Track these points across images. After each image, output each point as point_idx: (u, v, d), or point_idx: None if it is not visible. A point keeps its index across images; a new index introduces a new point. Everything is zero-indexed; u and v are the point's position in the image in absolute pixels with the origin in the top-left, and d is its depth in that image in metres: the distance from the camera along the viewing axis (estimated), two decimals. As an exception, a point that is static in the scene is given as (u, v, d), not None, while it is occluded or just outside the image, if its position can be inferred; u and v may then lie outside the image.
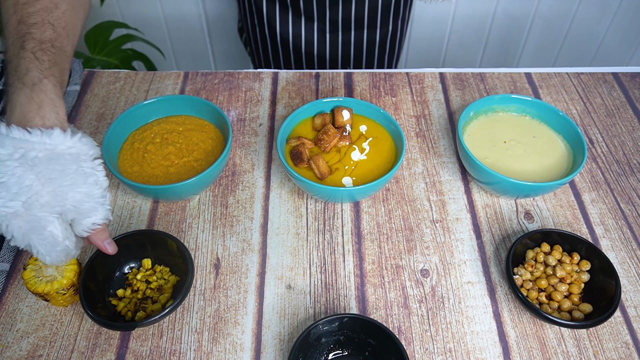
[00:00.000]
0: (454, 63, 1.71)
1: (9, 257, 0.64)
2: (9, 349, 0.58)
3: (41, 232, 0.51)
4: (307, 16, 0.99)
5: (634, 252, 0.68)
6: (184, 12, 1.54)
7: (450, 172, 0.77)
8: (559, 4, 1.55)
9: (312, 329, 0.55)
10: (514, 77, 0.92)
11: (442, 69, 0.93)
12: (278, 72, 0.91)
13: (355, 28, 1.02)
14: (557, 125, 0.76)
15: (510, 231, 0.70)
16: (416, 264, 0.67)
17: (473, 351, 0.59)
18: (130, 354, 0.58)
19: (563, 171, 0.72)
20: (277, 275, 0.65)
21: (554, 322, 0.57)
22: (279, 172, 0.76)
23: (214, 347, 0.59)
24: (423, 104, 0.87)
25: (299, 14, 0.99)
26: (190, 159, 0.71)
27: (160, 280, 0.62)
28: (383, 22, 1.03)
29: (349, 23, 1.01)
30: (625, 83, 0.92)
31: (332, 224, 0.70)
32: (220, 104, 0.85)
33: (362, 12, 0.99)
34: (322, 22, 1.00)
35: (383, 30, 1.04)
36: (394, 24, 1.05)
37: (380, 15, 1.01)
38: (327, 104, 0.76)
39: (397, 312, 0.62)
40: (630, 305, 0.63)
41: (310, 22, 1.00)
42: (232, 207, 0.72)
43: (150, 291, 0.62)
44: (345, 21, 1.00)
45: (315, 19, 0.99)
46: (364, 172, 0.70)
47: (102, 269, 0.61)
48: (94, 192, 0.53)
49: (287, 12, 0.99)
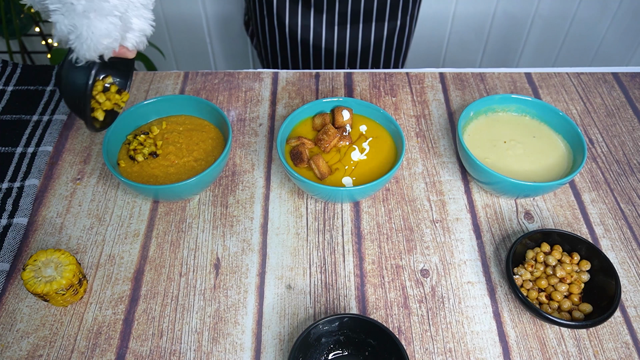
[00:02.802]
0: (454, 63, 1.71)
1: (9, 257, 0.64)
2: (9, 349, 0.58)
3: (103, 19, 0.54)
4: (316, 8, 1.00)
5: (634, 252, 0.68)
6: (184, 12, 1.54)
7: (450, 172, 0.77)
8: (559, 4, 1.55)
9: (312, 329, 0.55)
10: (514, 77, 0.92)
11: (442, 69, 0.93)
12: (278, 72, 0.91)
13: (364, 21, 1.03)
14: (557, 125, 0.76)
15: (510, 231, 0.70)
16: (416, 264, 0.67)
17: (473, 351, 0.59)
18: (130, 354, 0.58)
19: (563, 171, 0.72)
20: (277, 275, 0.65)
21: (554, 322, 0.57)
22: (279, 172, 0.76)
23: (214, 347, 0.59)
24: (423, 104, 0.87)
25: (309, 6, 1.00)
26: (190, 159, 0.71)
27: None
28: (391, 16, 1.04)
29: (357, 15, 1.01)
30: (625, 83, 0.92)
31: (332, 224, 0.70)
32: (220, 104, 0.85)
33: (372, 5, 1.00)
34: (331, 14, 1.01)
35: (391, 24, 1.05)
36: (402, 19, 1.06)
37: (389, 9, 1.02)
38: (327, 104, 0.76)
39: (397, 312, 0.62)
40: (630, 305, 0.63)
41: (319, 14, 1.01)
42: (232, 207, 0.72)
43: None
44: (354, 13, 1.01)
45: (324, 11, 1.00)
46: (364, 172, 0.70)
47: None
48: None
49: (297, 3, 1.00)
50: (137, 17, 0.58)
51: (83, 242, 0.67)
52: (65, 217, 0.70)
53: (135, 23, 0.58)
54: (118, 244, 0.67)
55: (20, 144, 0.77)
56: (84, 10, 0.53)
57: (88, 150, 0.78)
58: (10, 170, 0.73)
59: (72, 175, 0.75)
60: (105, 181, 0.74)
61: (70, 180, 0.74)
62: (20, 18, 1.48)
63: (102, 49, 0.57)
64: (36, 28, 1.47)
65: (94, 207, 0.71)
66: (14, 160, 0.75)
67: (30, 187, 0.71)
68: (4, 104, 0.82)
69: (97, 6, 0.54)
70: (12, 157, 0.75)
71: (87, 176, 0.75)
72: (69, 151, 0.78)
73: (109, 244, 0.67)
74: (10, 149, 0.76)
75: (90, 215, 0.70)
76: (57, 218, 0.70)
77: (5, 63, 0.89)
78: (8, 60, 0.89)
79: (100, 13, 0.54)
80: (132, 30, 0.58)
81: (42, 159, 0.75)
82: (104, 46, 0.57)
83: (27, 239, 0.67)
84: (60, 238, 0.68)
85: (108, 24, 0.55)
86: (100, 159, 0.77)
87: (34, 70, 0.88)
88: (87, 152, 0.78)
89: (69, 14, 0.54)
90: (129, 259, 0.66)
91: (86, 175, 0.75)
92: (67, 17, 0.54)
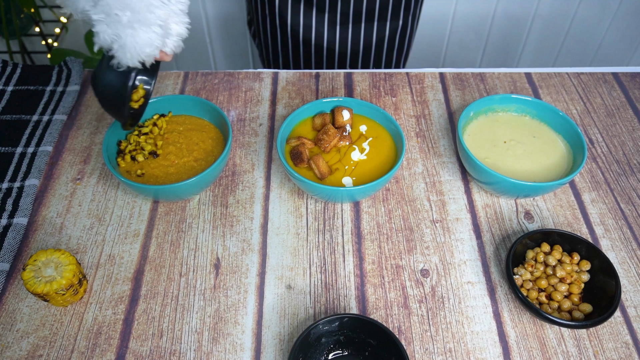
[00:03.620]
0: (454, 63, 1.71)
1: (9, 257, 0.64)
2: (9, 349, 0.58)
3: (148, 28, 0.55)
4: (318, 7, 1.00)
5: (634, 252, 0.68)
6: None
7: (450, 172, 0.77)
8: (559, 4, 1.55)
9: (312, 329, 0.55)
10: (514, 77, 0.92)
11: (442, 69, 0.93)
12: (278, 72, 0.91)
13: (366, 20, 1.03)
14: (557, 125, 0.76)
15: (510, 231, 0.70)
16: (416, 264, 0.67)
17: (473, 351, 0.59)
18: (130, 354, 0.58)
19: (563, 171, 0.72)
20: (277, 275, 0.65)
21: (554, 322, 0.57)
22: (279, 172, 0.76)
23: (214, 347, 0.59)
24: (423, 104, 0.87)
25: (311, 5, 1.00)
26: (190, 159, 0.71)
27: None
28: (394, 16, 1.04)
29: (359, 15, 1.02)
30: (625, 83, 0.92)
31: (332, 224, 0.70)
32: (220, 104, 0.85)
33: (374, 5, 1.00)
34: (333, 14, 1.01)
35: (393, 24, 1.05)
36: (405, 19, 1.06)
37: (391, 8, 1.02)
38: (327, 104, 0.76)
39: (397, 312, 0.62)
40: (630, 305, 0.63)
41: (321, 14, 1.01)
42: (232, 207, 0.72)
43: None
44: (356, 13, 1.01)
45: (326, 10, 1.00)
46: (364, 172, 0.70)
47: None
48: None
49: (299, 2, 1.00)
50: (176, 23, 0.58)
51: (83, 242, 0.67)
52: (65, 217, 0.70)
53: (174, 29, 0.59)
54: (118, 244, 0.67)
55: (20, 144, 0.77)
56: (129, 21, 0.54)
57: (88, 150, 0.78)
58: (10, 170, 0.73)
59: (72, 175, 0.75)
60: (105, 181, 0.74)
61: (70, 180, 0.74)
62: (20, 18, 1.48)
63: (144, 56, 0.57)
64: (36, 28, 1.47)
65: (94, 207, 0.71)
66: (14, 160, 0.75)
67: (30, 187, 0.71)
68: (4, 104, 0.82)
69: (142, 17, 0.54)
70: (12, 157, 0.75)
71: (87, 176, 0.75)
72: (69, 151, 0.78)
73: (109, 244, 0.67)
74: (10, 149, 0.76)
75: (90, 215, 0.70)
76: (57, 218, 0.70)
77: (5, 63, 0.89)
78: (8, 60, 0.89)
79: (144, 23, 0.55)
80: (170, 35, 0.59)
81: (42, 159, 0.75)
82: (147, 54, 0.57)
83: (27, 239, 0.67)
84: (60, 238, 0.68)
85: (151, 34, 0.56)
86: (100, 159, 0.77)
87: (34, 70, 0.88)
88: (87, 152, 0.78)
89: (113, 24, 0.54)
90: (129, 259, 0.66)
91: (86, 175, 0.75)
92: (111, 27, 0.54)
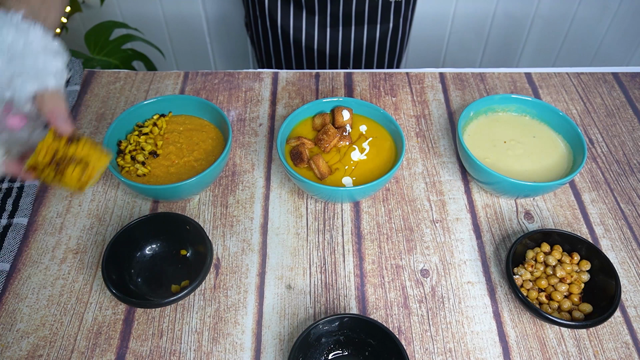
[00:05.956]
0: (454, 63, 1.71)
1: (9, 257, 0.64)
2: (9, 349, 0.58)
3: None
4: (308, 9, 1.00)
5: (634, 252, 0.68)
6: (184, 12, 1.54)
7: (450, 172, 0.77)
8: (559, 4, 1.55)
9: (312, 329, 0.55)
10: (514, 77, 0.92)
11: (442, 69, 0.93)
12: (278, 72, 0.91)
13: (356, 23, 1.03)
14: (557, 125, 0.76)
15: (510, 231, 0.70)
16: (416, 264, 0.67)
17: (473, 351, 0.59)
18: (130, 354, 0.58)
19: (563, 171, 0.72)
20: (277, 275, 0.65)
21: (554, 322, 0.57)
22: (279, 172, 0.76)
23: (214, 347, 0.59)
24: (423, 104, 0.87)
25: (301, 7, 1.00)
26: (190, 159, 0.71)
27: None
28: (384, 18, 1.03)
29: (349, 17, 1.01)
30: (625, 83, 0.92)
31: (332, 224, 0.70)
32: (220, 104, 0.85)
33: (363, 7, 0.99)
34: (323, 16, 1.01)
35: (383, 27, 1.05)
36: (395, 21, 1.05)
37: (381, 11, 1.02)
38: (327, 104, 0.76)
39: (397, 312, 0.62)
40: (630, 305, 0.63)
41: (311, 16, 1.01)
42: (232, 207, 0.72)
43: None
44: (345, 15, 1.01)
45: (316, 13, 1.00)
46: (364, 172, 0.70)
47: (123, 252, 0.63)
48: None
49: (289, 4, 1.00)
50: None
51: (83, 242, 0.67)
52: (65, 217, 0.70)
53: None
54: (118, 244, 0.67)
55: (20, 144, 0.77)
56: None
57: (88, 150, 0.78)
58: (10, 170, 0.73)
59: (72, 175, 0.75)
60: (105, 181, 0.74)
61: (70, 180, 0.74)
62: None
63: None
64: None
65: (94, 207, 0.71)
66: (14, 160, 0.75)
67: (30, 187, 0.71)
68: None
69: None
70: (12, 157, 0.75)
71: (87, 176, 0.75)
72: (69, 151, 0.78)
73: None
74: (10, 149, 0.76)
75: (90, 215, 0.70)
76: (57, 218, 0.70)
77: (5, 63, 0.88)
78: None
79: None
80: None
81: (42, 159, 0.75)
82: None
83: (27, 239, 0.67)
84: (60, 238, 0.68)
85: None
86: (100, 159, 0.77)
87: (34, 70, 0.88)
88: (87, 152, 0.78)
89: None
90: (129, 259, 0.66)
91: (86, 175, 0.75)
92: None
